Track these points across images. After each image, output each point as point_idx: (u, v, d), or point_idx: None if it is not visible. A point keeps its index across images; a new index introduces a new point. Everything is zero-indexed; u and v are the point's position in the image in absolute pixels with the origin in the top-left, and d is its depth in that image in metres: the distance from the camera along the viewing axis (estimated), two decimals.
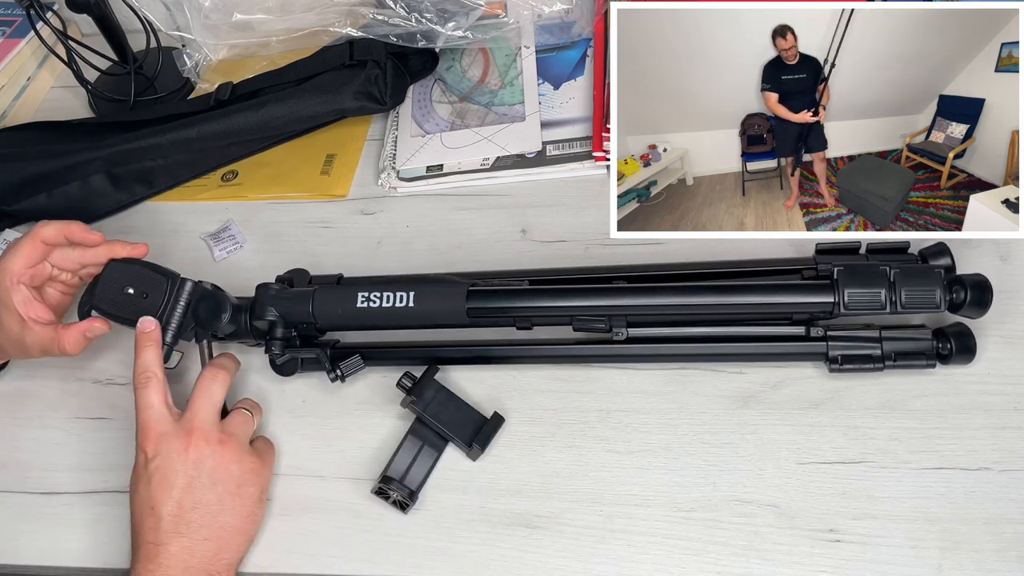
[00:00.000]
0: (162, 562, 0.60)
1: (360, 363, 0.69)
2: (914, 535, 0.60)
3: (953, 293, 0.64)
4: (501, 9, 0.90)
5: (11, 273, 0.67)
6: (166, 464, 0.62)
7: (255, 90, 0.91)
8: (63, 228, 0.69)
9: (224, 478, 0.63)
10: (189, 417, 0.64)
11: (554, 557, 0.63)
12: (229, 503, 0.63)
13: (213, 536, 0.62)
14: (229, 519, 0.63)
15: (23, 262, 0.68)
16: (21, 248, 0.68)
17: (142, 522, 0.62)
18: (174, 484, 0.62)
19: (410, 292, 0.68)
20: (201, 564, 0.61)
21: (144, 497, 0.62)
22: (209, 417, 0.65)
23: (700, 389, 0.68)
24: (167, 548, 0.60)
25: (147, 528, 0.61)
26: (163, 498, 0.61)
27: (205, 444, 0.63)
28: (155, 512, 0.61)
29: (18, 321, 0.68)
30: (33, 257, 0.68)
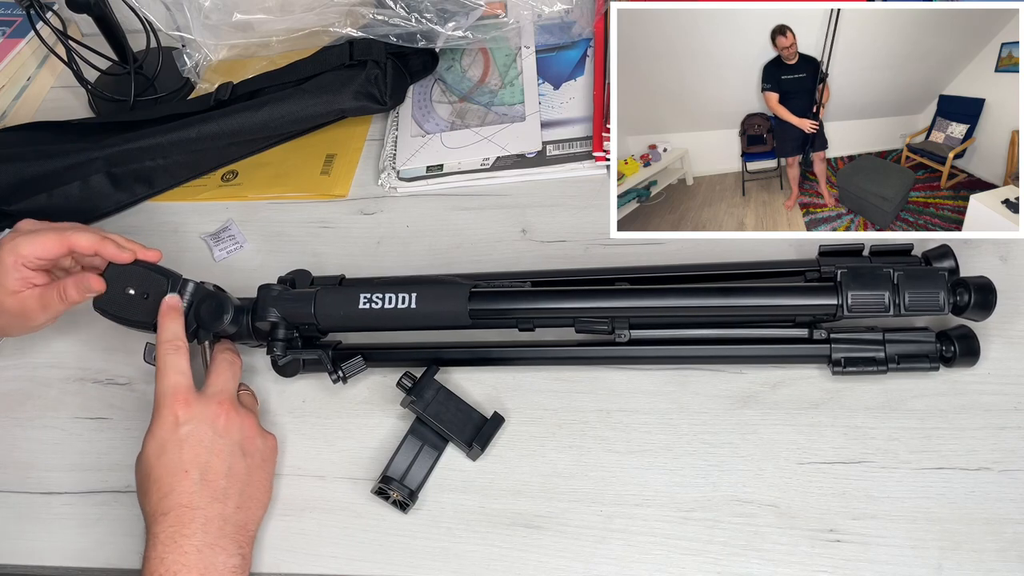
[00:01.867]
0: (199, 527, 0.59)
1: (362, 364, 0.69)
2: (914, 535, 0.60)
3: (957, 296, 0.64)
4: (501, 9, 0.90)
5: (20, 256, 0.66)
6: (199, 429, 0.62)
7: (255, 90, 0.91)
8: (97, 245, 0.67)
9: (252, 450, 0.64)
10: (216, 390, 0.64)
11: (554, 557, 0.63)
12: (256, 475, 0.64)
13: (244, 506, 0.62)
14: (255, 491, 0.63)
15: (38, 253, 0.67)
16: (43, 241, 0.67)
17: (172, 485, 0.60)
18: (210, 449, 0.61)
19: (412, 293, 0.68)
20: (234, 531, 0.61)
21: (176, 459, 0.61)
22: (233, 392, 0.65)
23: (700, 389, 0.68)
24: (204, 512, 0.60)
25: (181, 491, 0.60)
26: (198, 462, 0.61)
27: (235, 415, 0.64)
28: (189, 475, 0.60)
29: (12, 295, 0.67)
30: (52, 254, 0.67)
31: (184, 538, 0.58)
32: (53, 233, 0.67)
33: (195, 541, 0.59)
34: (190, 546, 0.58)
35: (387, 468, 0.66)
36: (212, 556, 0.59)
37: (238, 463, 0.63)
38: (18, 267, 0.67)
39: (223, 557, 0.59)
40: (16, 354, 0.79)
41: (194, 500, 0.60)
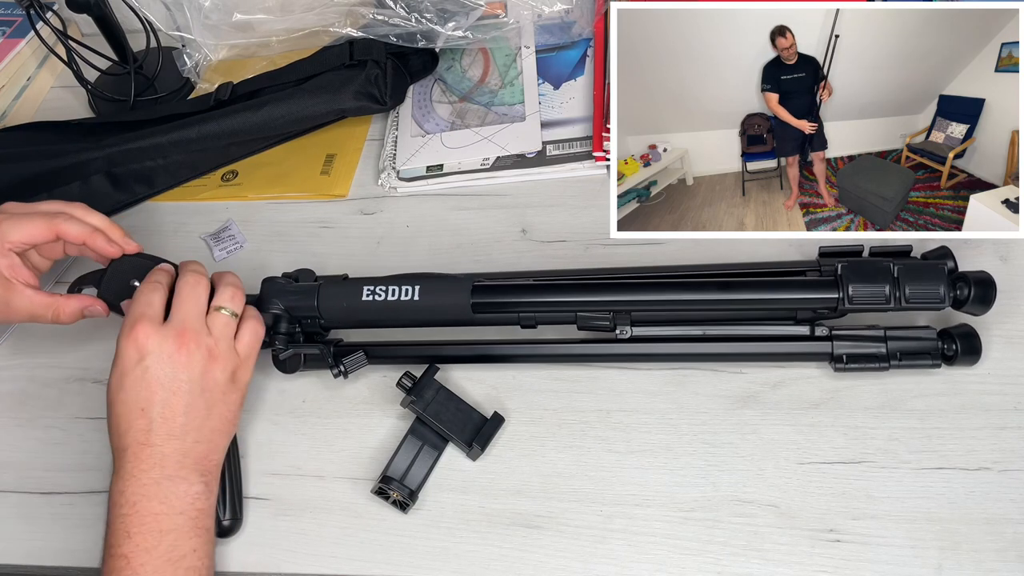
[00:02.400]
0: (156, 462, 0.59)
1: (363, 359, 0.69)
2: (914, 535, 0.60)
3: (957, 289, 0.64)
4: (501, 9, 0.90)
5: (7, 241, 0.66)
6: (156, 365, 0.61)
7: (255, 90, 0.91)
8: (87, 237, 0.68)
9: (212, 385, 0.62)
10: (179, 320, 0.63)
11: (554, 557, 0.63)
12: (216, 409, 0.63)
13: (204, 439, 0.62)
14: (217, 423, 0.63)
15: (24, 237, 0.67)
16: (30, 226, 0.67)
17: (129, 424, 0.60)
18: (166, 387, 0.61)
19: (415, 286, 0.68)
20: (194, 463, 0.61)
21: (132, 398, 0.60)
22: (198, 318, 0.63)
23: (700, 389, 0.68)
24: (160, 449, 0.60)
25: (137, 429, 0.60)
26: (153, 400, 0.60)
27: (196, 348, 0.62)
28: (145, 414, 0.60)
29: (2, 283, 0.67)
30: (38, 239, 0.67)
31: (142, 472, 0.59)
32: (41, 219, 0.67)
33: (153, 475, 0.59)
34: (148, 479, 0.59)
35: (387, 468, 0.66)
36: (171, 487, 0.59)
37: (197, 400, 0.61)
38: (5, 252, 0.67)
39: (184, 486, 0.60)
40: (16, 354, 0.79)
41: (151, 438, 0.60)
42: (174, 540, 0.58)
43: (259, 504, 0.68)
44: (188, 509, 0.60)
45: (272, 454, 0.70)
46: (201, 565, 0.59)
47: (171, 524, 0.59)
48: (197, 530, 0.60)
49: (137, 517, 0.58)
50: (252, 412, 0.72)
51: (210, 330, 0.64)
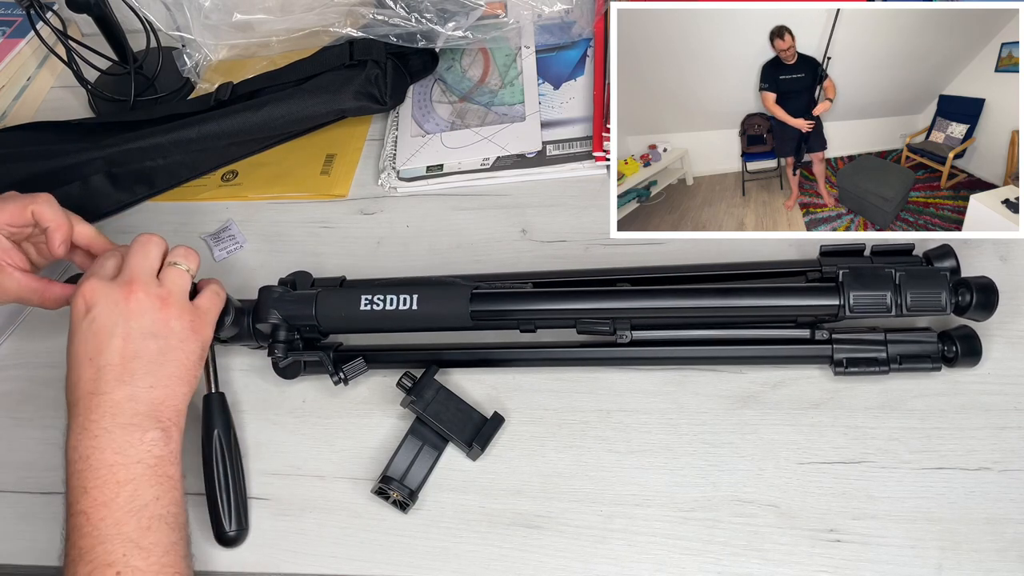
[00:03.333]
0: (106, 411, 0.58)
1: (363, 366, 0.69)
2: (914, 535, 0.60)
3: (959, 296, 0.64)
4: (501, 9, 0.90)
5: None
6: (104, 314, 0.60)
7: (255, 90, 0.91)
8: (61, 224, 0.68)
9: (165, 332, 0.62)
10: (128, 272, 0.62)
11: (554, 557, 0.63)
12: (171, 355, 0.62)
13: (159, 384, 0.61)
14: (173, 369, 0.62)
15: (7, 218, 0.67)
16: (11, 207, 0.67)
17: (79, 375, 0.60)
18: (113, 334, 0.60)
19: (413, 295, 0.68)
20: (148, 410, 0.60)
21: (81, 350, 0.60)
22: (147, 271, 0.63)
23: (700, 389, 0.68)
24: (110, 396, 0.59)
25: (86, 379, 0.59)
26: (102, 348, 0.60)
27: (145, 296, 0.61)
28: (93, 363, 0.60)
29: None
30: (16, 220, 0.67)
31: (92, 423, 0.58)
32: (21, 199, 0.68)
33: (104, 424, 0.58)
34: (99, 429, 0.58)
35: (387, 468, 0.66)
36: (124, 435, 0.58)
37: (149, 344, 0.61)
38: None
39: (138, 434, 0.59)
40: (16, 354, 0.79)
41: (99, 387, 0.59)
42: (133, 490, 0.57)
43: (259, 504, 0.68)
44: (145, 457, 0.58)
45: (272, 454, 0.70)
46: (167, 512, 0.58)
47: (128, 474, 0.57)
48: (158, 478, 0.58)
49: (92, 471, 0.57)
50: (252, 412, 0.72)
51: (162, 282, 0.63)
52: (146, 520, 0.57)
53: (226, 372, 0.74)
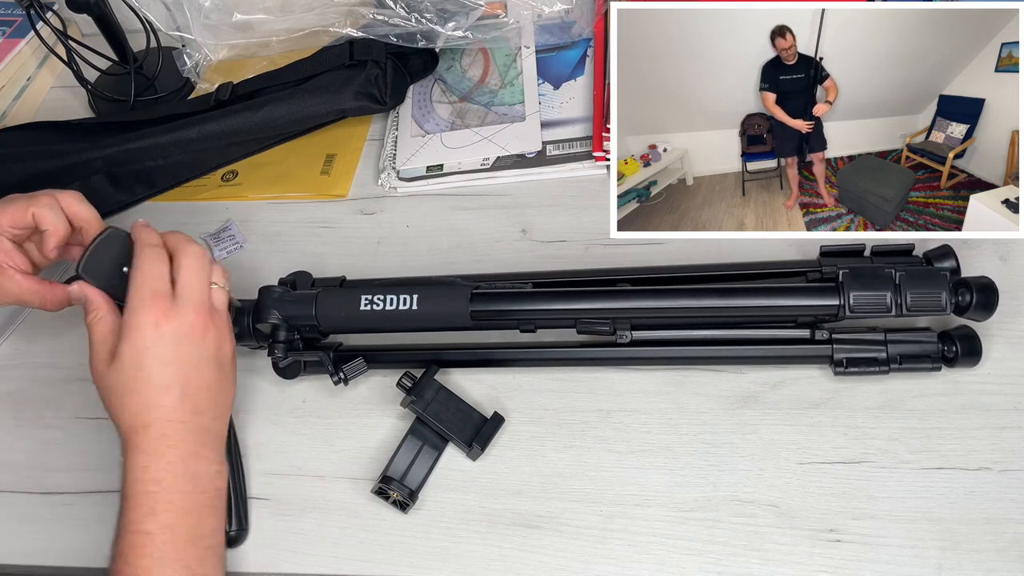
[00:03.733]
0: (183, 438, 0.60)
1: (363, 366, 0.69)
2: (914, 535, 0.60)
3: (959, 296, 0.64)
4: (501, 9, 0.90)
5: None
6: (181, 344, 0.61)
7: (255, 90, 0.91)
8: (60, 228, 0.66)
9: (223, 359, 0.63)
10: (195, 298, 0.62)
11: (554, 557, 0.63)
12: (226, 384, 0.64)
13: (221, 415, 0.63)
14: (227, 399, 0.64)
15: (8, 221, 0.66)
16: (13, 207, 0.66)
17: (153, 399, 0.60)
18: (190, 364, 0.61)
19: (413, 295, 0.68)
20: (214, 442, 0.62)
21: (158, 374, 0.60)
22: (207, 296, 0.64)
23: (700, 389, 0.68)
24: (187, 425, 0.60)
25: (162, 405, 0.60)
26: (179, 377, 0.60)
27: (212, 325, 0.62)
28: (171, 391, 0.60)
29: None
30: (18, 221, 0.67)
31: (168, 448, 0.59)
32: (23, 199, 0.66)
33: (180, 451, 0.59)
34: (175, 455, 0.59)
35: (387, 468, 0.66)
36: (196, 464, 0.60)
37: (215, 375, 0.62)
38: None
39: (205, 464, 0.60)
40: (16, 354, 0.79)
41: (176, 414, 0.60)
42: (197, 519, 0.59)
43: (259, 504, 0.68)
44: (208, 487, 0.60)
45: (272, 454, 0.70)
46: (217, 544, 0.60)
47: (195, 503, 0.59)
48: (215, 509, 0.60)
49: (164, 494, 0.58)
50: (252, 412, 0.72)
51: (216, 308, 0.64)
52: (202, 550, 0.58)
53: None
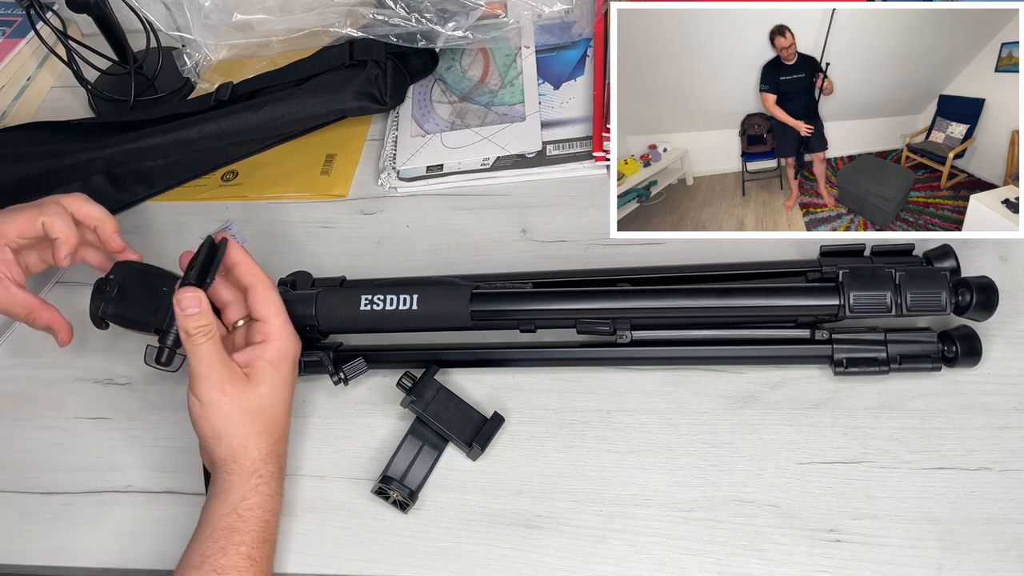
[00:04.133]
0: (283, 473, 0.65)
1: (363, 366, 0.69)
2: (914, 535, 0.60)
3: (959, 295, 0.64)
4: (501, 9, 0.90)
5: (1, 236, 0.67)
6: (294, 374, 0.66)
7: (255, 90, 0.91)
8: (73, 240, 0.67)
9: None
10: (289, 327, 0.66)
11: (554, 557, 0.63)
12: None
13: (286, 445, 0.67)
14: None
15: (17, 232, 0.67)
16: (20, 218, 0.67)
17: (282, 433, 0.65)
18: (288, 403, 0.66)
19: (414, 295, 0.68)
20: (282, 472, 0.65)
21: (285, 414, 0.65)
22: None
23: (700, 389, 0.68)
24: (275, 464, 0.63)
25: (281, 434, 0.64)
26: (290, 408, 0.66)
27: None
28: (274, 432, 0.64)
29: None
30: (27, 231, 0.67)
31: (278, 482, 0.64)
32: (30, 211, 0.67)
33: (282, 484, 0.64)
34: (281, 489, 0.64)
35: (387, 468, 0.66)
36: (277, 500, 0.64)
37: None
38: (1, 248, 0.67)
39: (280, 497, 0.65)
40: (16, 354, 0.79)
41: (269, 453, 0.63)
42: (273, 547, 0.63)
43: None
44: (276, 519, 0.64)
45: None
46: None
47: (272, 534, 0.63)
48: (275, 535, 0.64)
49: (271, 527, 0.62)
50: None
51: None
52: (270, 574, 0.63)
53: None
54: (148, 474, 0.71)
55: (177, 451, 0.71)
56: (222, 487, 0.61)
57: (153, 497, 0.69)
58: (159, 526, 0.68)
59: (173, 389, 0.75)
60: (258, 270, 0.66)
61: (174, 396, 0.74)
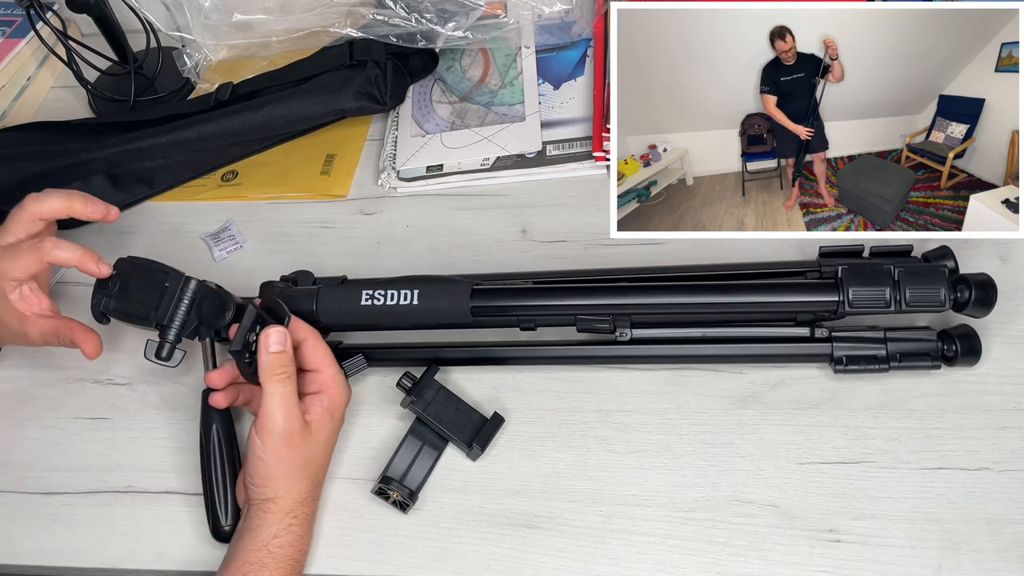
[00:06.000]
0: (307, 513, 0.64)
1: (363, 363, 0.69)
2: (914, 535, 0.60)
3: (957, 292, 0.64)
4: (501, 9, 0.90)
5: (8, 277, 0.67)
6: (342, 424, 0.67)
7: (255, 90, 0.91)
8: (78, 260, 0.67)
9: None
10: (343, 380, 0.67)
11: (554, 557, 0.63)
12: None
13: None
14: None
15: (22, 273, 0.67)
16: (25, 259, 0.67)
17: (321, 471, 0.66)
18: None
19: (414, 290, 0.68)
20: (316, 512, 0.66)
21: (332, 447, 0.66)
22: None
23: (700, 389, 0.68)
24: (311, 505, 0.64)
25: (318, 477, 0.65)
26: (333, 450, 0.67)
27: None
28: (329, 461, 0.66)
29: (17, 317, 0.68)
30: (35, 270, 0.67)
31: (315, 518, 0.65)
32: (32, 253, 0.67)
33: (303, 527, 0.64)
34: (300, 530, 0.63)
35: (387, 468, 0.66)
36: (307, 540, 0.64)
37: None
38: (12, 288, 0.67)
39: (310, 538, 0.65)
40: (16, 354, 0.79)
41: (309, 495, 0.64)
42: None
43: None
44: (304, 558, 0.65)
45: None
46: None
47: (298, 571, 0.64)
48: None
49: (301, 564, 0.63)
50: None
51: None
52: None
53: None
54: (148, 474, 0.71)
55: (177, 451, 0.71)
56: (256, 523, 0.61)
57: (153, 497, 0.69)
58: (159, 526, 0.68)
59: (173, 389, 0.75)
60: (305, 325, 0.66)
61: (174, 396, 0.74)
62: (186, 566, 0.66)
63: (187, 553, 0.66)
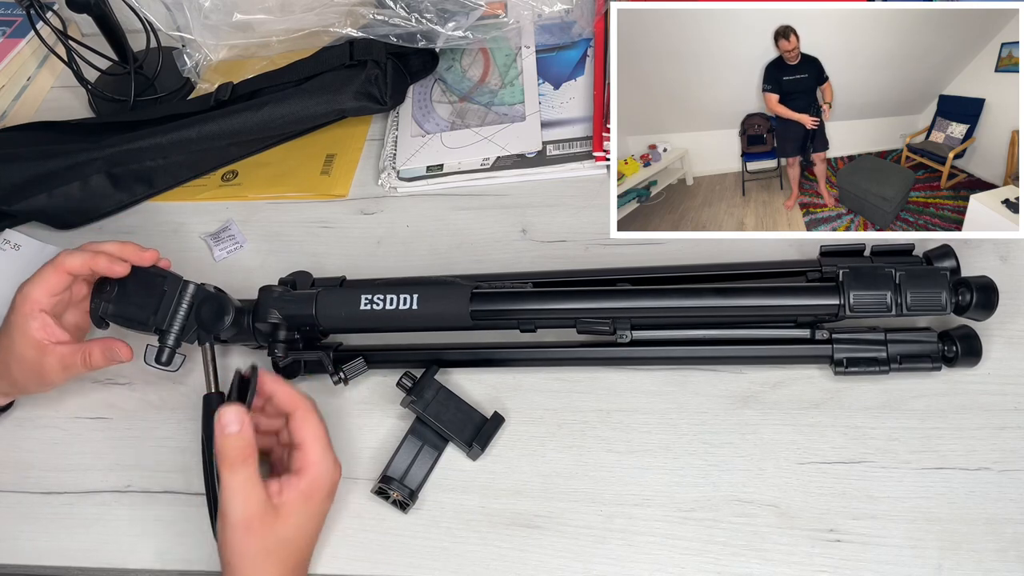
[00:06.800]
0: None
1: (363, 366, 0.69)
2: (914, 535, 0.60)
3: (959, 295, 0.64)
4: (501, 9, 0.90)
5: (32, 300, 0.66)
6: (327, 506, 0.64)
7: (255, 90, 0.91)
8: (89, 260, 0.66)
9: None
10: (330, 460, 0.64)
11: (554, 557, 0.63)
12: None
13: None
14: None
15: (45, 291, 0.66)
16: (45, 278, 0.66)
17: (307, 548, 0.63)
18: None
19: (414, 294, 0.68)
20: None
21: (311, 532, 0.63)
22: None
23: (700, 389, 0.68)
24: (303, 570, 0.63)
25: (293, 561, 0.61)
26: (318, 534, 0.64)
27: None
28: (312, 545, 0.63)
29: (36, 347, 0.66)
30: (56, 287, 0.66)
31: None
32: (49, 267, 0.66)
33: None
34: None
35: (387, 468, 0.66)
36: None
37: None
38: (35, 313, 0.66)
39: None
40: None
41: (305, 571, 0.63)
42: None
43: None
44: None
45: None
46: None
47: None
48: None
49: None
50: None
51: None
52: None
53: (226, 372, 0.73)
54: (148, 474, 0.71)
55: (176, 451, 0.71)
56: None
57: (153, 497, 0.69)
58: (159, 526, 0.68)
59: (173, 389, 0.75)
60: (296, 395, 0.63)
61: (174, 396, 0.74)
62: (186, 566, 0.66)
63: (187, 553, 0.66)
